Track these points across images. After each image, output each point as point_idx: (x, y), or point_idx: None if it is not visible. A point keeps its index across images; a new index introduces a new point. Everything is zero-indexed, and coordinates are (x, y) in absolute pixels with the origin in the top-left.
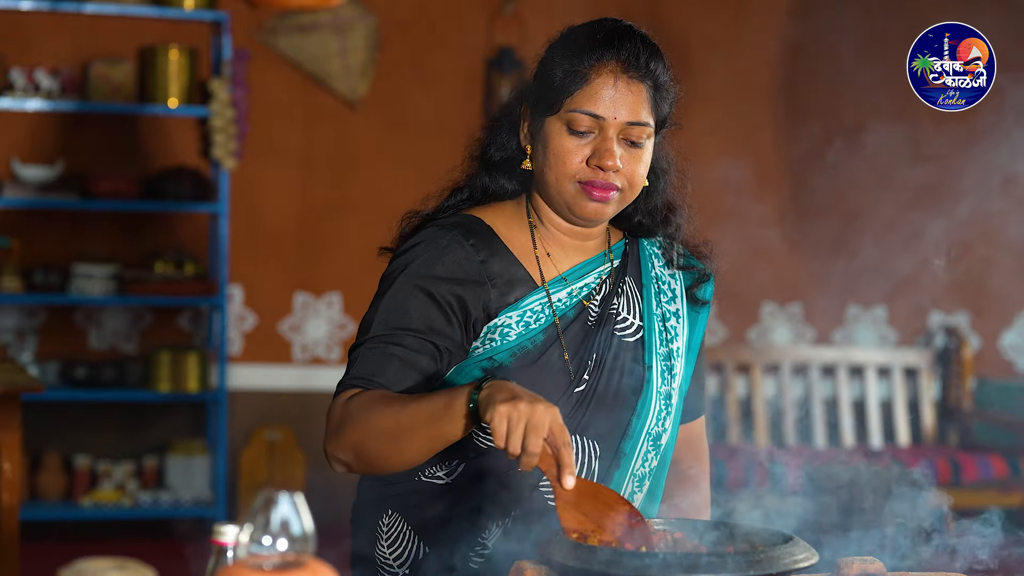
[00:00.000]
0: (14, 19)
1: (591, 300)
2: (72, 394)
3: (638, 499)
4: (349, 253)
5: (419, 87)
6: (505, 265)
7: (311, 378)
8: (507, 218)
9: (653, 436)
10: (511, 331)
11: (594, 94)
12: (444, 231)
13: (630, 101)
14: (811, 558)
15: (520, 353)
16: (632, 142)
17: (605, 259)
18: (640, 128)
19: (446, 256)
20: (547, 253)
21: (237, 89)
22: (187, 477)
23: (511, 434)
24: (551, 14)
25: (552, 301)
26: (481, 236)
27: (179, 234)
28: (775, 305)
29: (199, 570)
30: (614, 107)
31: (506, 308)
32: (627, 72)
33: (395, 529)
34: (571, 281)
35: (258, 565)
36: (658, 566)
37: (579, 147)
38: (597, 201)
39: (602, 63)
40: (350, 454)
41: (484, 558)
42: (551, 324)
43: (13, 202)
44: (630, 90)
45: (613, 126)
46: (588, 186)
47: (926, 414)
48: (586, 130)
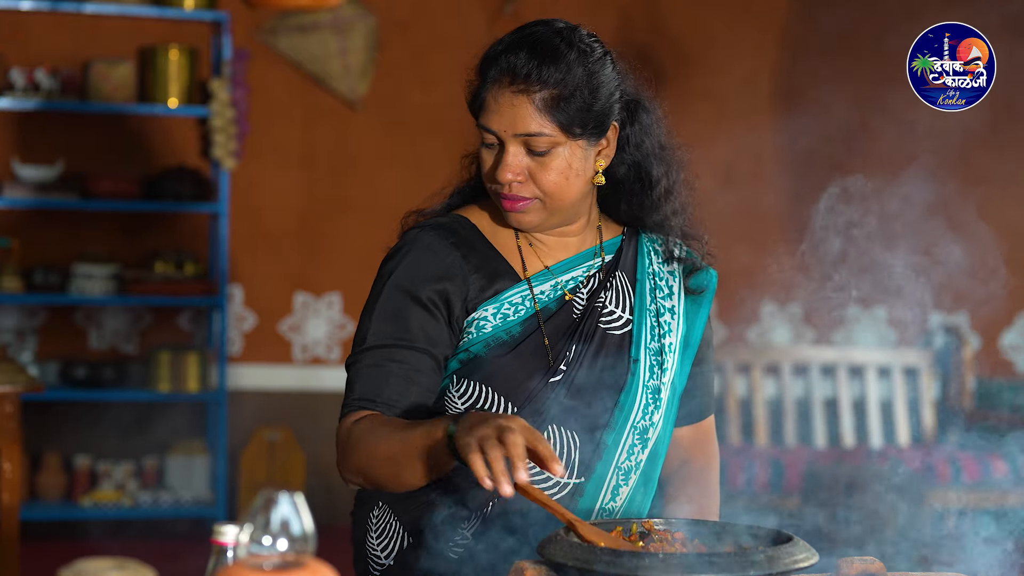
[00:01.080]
0: (14, 19)
1: (576, 293)
2: (72, 394)
3: (624, 492)
4: (349, 253)
5: (419, 87)
6: (486, 260)
7: (311, 378)
8: (492, 215)
9: (639, 430)
10: (487, 323)
11: (488, 110)
12: (424, 232)
13: (516, 114)
14: (811, 558)
15: (494, 344)
16: (535, 152)
17: (595, 255)
18: (536, 138)
19: (427, 256)
20: (530, 244)
21: (237, 89)
22: (187, 477)
23: (493, 466)
24: (551, 14)
25: (535, 294)
26: (462, 234)
27: (179, 234)
28: (775, 305)
29: (199, 570)
30: (502, 122)
31: (484, 302)
32: (512, 86)
33: (383, 521)
34: (557, 274)
35: (258, 565)
36: (658, 566)
37: (491, 158)
38: (511, 211)
39: (494, 79)
40: (359, 477)
41: (464, 548)
42: (531, 315)
43: (13, 202)
44: (513, 103)
45: (510, 140)
46: (500, 197)
47: (926, 414)
48: (492, 143)
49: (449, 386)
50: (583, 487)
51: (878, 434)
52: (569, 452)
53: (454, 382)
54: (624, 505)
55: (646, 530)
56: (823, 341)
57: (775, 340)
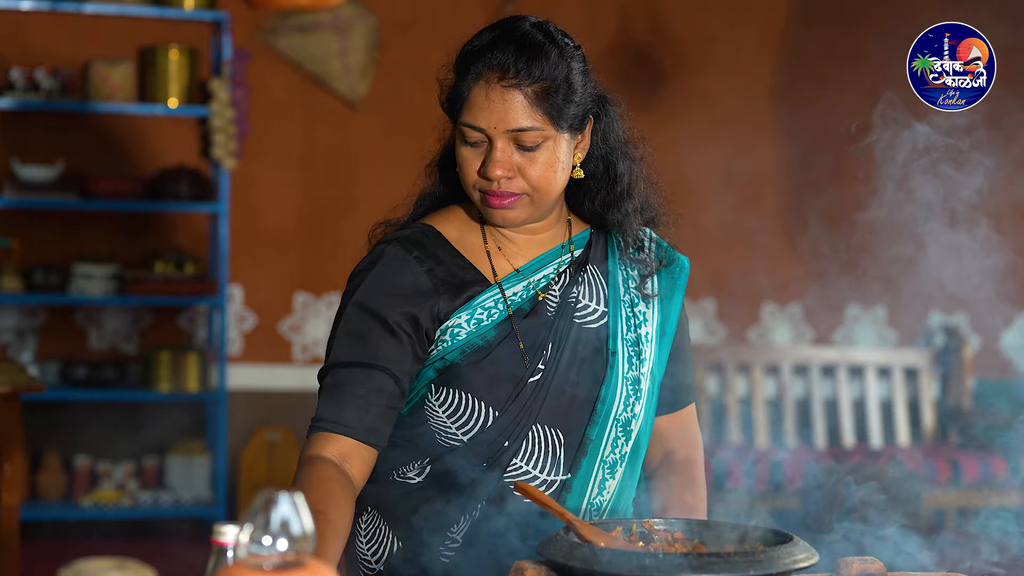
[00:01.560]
0: (14, 19)
1: (548, 291)
2: (72, 394)
3: (610, 486)
4: (349, 253)
5: (419, 87)
6: (453, 270)
7: (311, 378)
8: (459, 221)
9: (622, 422)
10: (461, 331)
11: (473, 106)
12: (389, 247)
13: (505, 109)
14: (811, 558)
15: (470, 351)
16: (525, 147)
17: (564, 250)
18: (526, 133)
19: (390, 274)
20: (499, 248)
21: (237, 89)
22: (187, 477)
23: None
24: (550, 14)
25: (506, 296)
26: (426, 246)
27: (179, 234)
28: (775, 305)
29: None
30: (490, 118)
31: (456, 310)
32: (501, 81)
33: (372, 526)
34: (527, 274)
35: (258, 565)
36: (658, 566)
37: (475, 157)
38: (498, 208)
39: (478, 75)
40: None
41: (454, 551)
42: (505, 318)
43: (13, 202)
44: (504, 99)
45: (498, 136)
46: (486, 195)
47: (926, 414)
48: (477, 141)
49: (428, 395)
50: (570, 483)
51: (878, 434)
52: (554, 450)
53: (433, 391)
54: (612, 499)
55: (646, 530)
56: (823, 341)
57: (775, 340)
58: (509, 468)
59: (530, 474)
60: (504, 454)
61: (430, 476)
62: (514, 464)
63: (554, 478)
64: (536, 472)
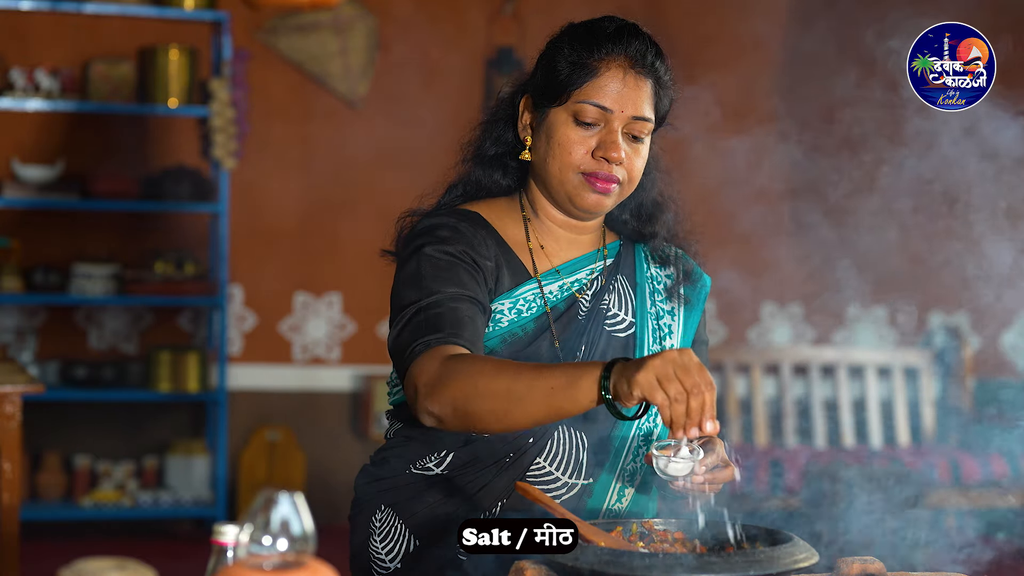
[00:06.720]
0: (14, 19)
1: (583, 294)
2: (72, 394)
3: (629, 494)
4: (349, 253)
5: (419, 87)
6: (502, 252)
7: (311, 378)
8: (500, 212)
9: (644, 432)
10: (503, 317)
11: (602, 87)
12: (453, 218)
13: (636, 96)
14: (811, 558)
15: (511, 339)
16: (634, 136)
17: (599, 256)
18: (643, 123)
19: (466, 232)
20: (540, 246)
21: (237, 89)
22: (187, 477)
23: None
24: (551, 14)
25: (544, 292)
26: (482, 226)
27: (179, 234)
28: (775, 305)
29: (199, 570)
30: (621, 101)
31: (500, 295)
32: (635, 67)
33: (387, 524)
34: (564, 275)
35: (258, 565)
36: (658, 566)
37: (584, 138)
38: (599, 192)
39: (611, 57)
40: (448, 409)
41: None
42: (542, 314)
43: (13, 202)
44: (637, 85)
45: (619, 119)
46: (591, 177)
47: (926, 414)
48: (592, 122)
49: None
50: (591, 488)
51: (878, 434)
52: (577, 453)
53: None
54: (629, 507)
55: (646, 530)
56: (823, 341)
57: (775, 340)
58: (532, 468)
59: (552, 475)
60: (528, 451)
61: (450, 466)
62: (537, 464)
63: (575, 481)
64: (559, 474)
